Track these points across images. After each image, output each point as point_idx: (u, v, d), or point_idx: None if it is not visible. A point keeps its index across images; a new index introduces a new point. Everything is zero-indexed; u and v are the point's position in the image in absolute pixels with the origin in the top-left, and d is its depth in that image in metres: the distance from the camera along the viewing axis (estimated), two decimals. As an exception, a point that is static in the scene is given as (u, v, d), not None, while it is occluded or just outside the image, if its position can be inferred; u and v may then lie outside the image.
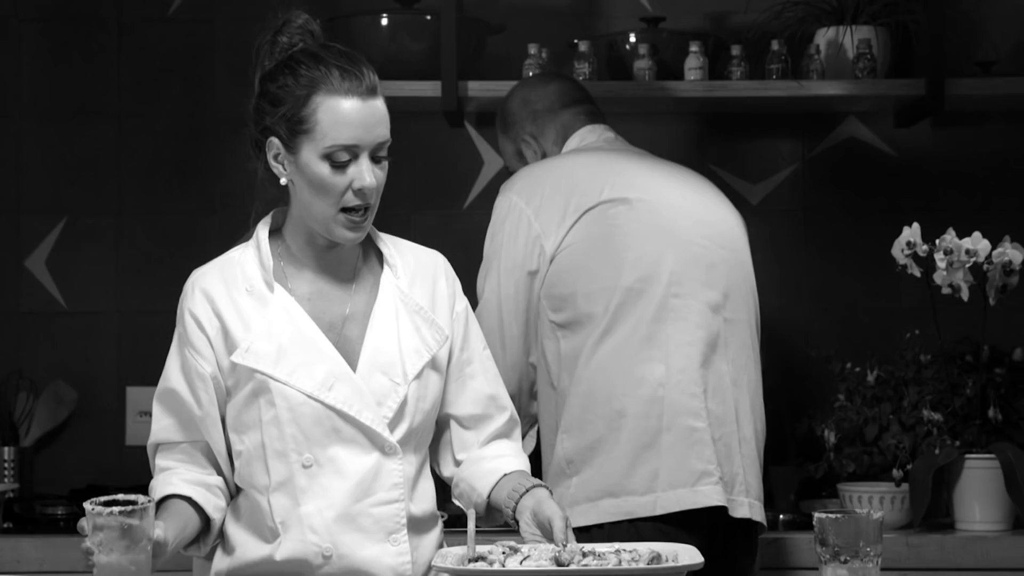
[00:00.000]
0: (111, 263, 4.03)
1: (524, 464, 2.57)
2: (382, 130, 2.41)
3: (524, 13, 4.00)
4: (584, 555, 2.27)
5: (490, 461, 2.55)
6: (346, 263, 2.51)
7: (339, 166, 2.39)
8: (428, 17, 3.78)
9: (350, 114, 2.38)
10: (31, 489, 3.88)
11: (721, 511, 2.95)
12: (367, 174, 2.39)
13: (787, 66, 3.79)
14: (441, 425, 2.60)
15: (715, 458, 2.95)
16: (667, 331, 2.98)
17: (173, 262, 3.95)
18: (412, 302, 2.51)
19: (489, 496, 2.51)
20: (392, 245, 2.57)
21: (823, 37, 3.80)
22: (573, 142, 3.28)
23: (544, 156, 3.30)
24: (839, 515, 2.14)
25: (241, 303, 2.45)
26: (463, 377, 2.58)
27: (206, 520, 2.46)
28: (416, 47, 3.77)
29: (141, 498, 2.15)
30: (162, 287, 4.05)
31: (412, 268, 2.55)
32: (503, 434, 2.61)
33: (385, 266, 2.53)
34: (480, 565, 2.25)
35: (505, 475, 2.52)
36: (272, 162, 2.44)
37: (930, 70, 3.72)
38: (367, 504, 2.43)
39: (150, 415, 2.53)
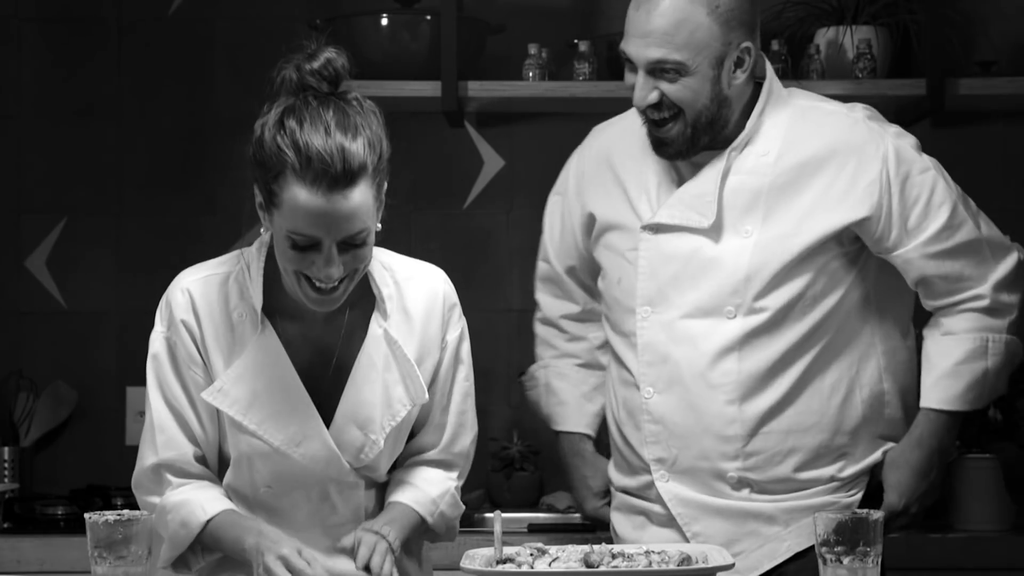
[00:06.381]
0: (111, 263, 4.03)
1: (421, 505, 2.48)
2: (352, 225, 2.24)
3: (524, 13, 4.00)
4: (613, 556, 2.27)
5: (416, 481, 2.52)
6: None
7: (301, 249, 2.26)
8: (428, 17, 3.78)
9: (309, 208, 2.22)
10: (31, 489, 3.88)
11: None
12: (328, 267, 2.26)
13: (787, 66, 3.79)
14: None
15: None
16: None
17: (173, 262, 3.92)
18: (400, 352, 2.43)
19: None
20: (386, 278, 2.45)
21: (823, 37, 3.80)
22: (778, 86, 2.75)
23: (728, 85, 2.65)
24: (839, 515, 2.14)
25: (226, 330, 2.40)
26: (434, 406, 2.51)
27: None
28: (416, 47, 3.77)
29: (142, 513, 2.17)
30: (162, 287, 4.04)
31: (404, 307, 2.45)
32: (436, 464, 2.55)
33: (375, 311, 2.43)
34: (508, 567, 2.24)
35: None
36: (257, 208, 2.33)
37: (930, 70, 3.72)
38: (327, 526, 2.44)
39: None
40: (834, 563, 2.13)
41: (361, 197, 2.24)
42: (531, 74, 3.81)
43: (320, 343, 2.42)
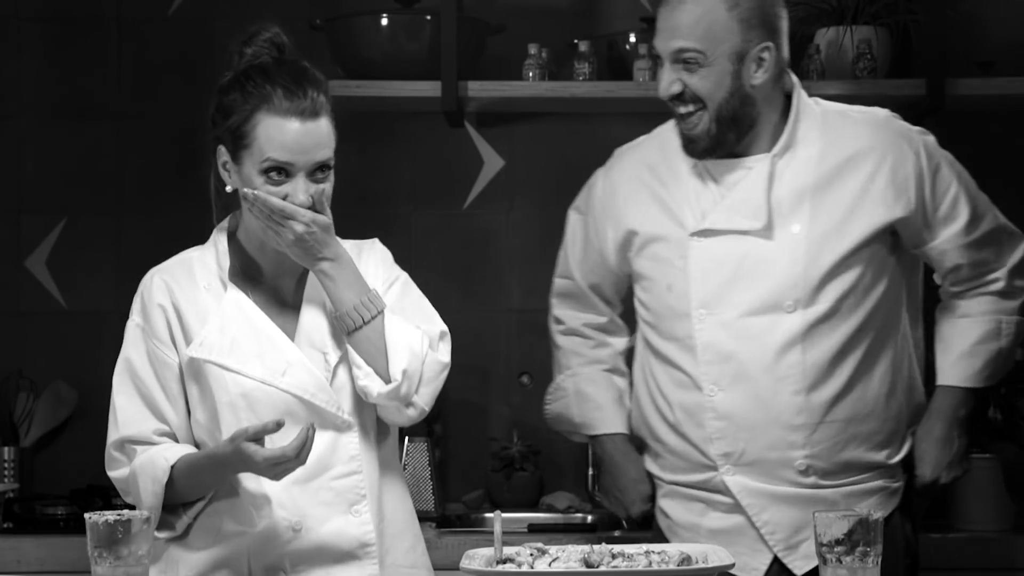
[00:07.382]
0: (111, 263, 4.03)
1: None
2: (321, 152, 2.47)
3: (524, 13, 4.00)
4: (613, 556, 2.28)
5: None
6: (296, 267, 2.56)
7: (274, 182, 2.46)
8: (428, 17, 3.78)
9: (286, 135, 2.44)
10: (31, 489, 3.88)
11: None
12: (300, 193, 2.45)
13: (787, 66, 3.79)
14: None
15: None
16: None
17: (173, 262, 3.95)
18: None
19: None
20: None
21: (823, 37, 3.80)
22: (806, 96, 2.89)
23: (753, 86, 2.80)
24: (839, 515, 2.14)
25: (199, 298, 2.54)
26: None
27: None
28: (416, 47, 3.77)
29: (142, 513, 2.17)
30: (162, 287, 4.06)
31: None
32: None
33: None
34: (508, 567, 2.25)
35: None
36: (221, 170, 2.53)
37: (930, 70, 3.72)
38: (327, 478, 2.50)
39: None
40: (834, 563, 2.13)
41: (326, 128, 2.48)
42: (531, 74, 3.81)
43: (282, 306, 2.56)
